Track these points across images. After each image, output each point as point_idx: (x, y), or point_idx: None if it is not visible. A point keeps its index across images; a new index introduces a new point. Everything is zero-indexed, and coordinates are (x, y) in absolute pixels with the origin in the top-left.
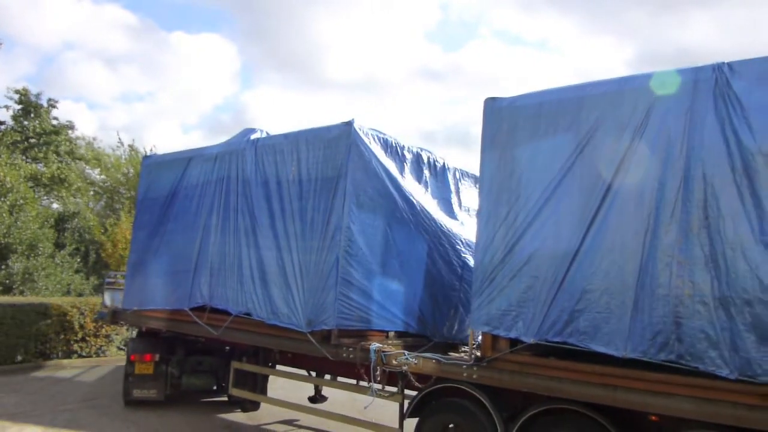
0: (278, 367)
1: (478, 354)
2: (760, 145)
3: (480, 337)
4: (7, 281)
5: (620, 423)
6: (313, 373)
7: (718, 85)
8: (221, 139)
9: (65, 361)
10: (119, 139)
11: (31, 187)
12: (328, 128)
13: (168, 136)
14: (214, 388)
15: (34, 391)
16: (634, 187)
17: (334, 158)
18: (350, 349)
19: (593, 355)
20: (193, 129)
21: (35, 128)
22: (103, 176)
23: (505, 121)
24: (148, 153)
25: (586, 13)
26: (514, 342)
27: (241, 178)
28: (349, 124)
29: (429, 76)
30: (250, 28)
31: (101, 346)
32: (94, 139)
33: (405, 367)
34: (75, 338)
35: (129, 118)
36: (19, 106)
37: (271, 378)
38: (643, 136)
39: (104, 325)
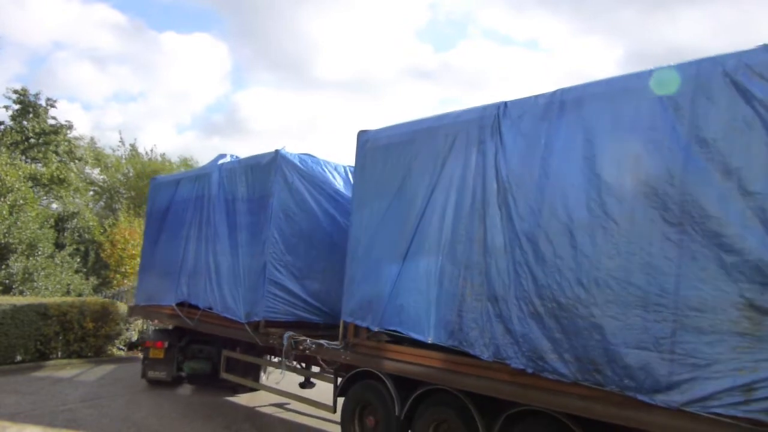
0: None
1: (346, 341)
2: (509, 175)
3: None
4: (7, 281)
5: (478, 402)
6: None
7: (495, 122)
8: (214, 139)
9: (65, 361)
10: (120, 138)
11: (30, 187)
12: (263, 155)
13: (163, 137)
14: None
15: (34, 391)
16: (440, 206)
17: (266, 180)
18: (273, 337)
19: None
20: (188, 129)
21: (34, 128)
22: (103, 176)
23: (369, 150)
24: (148, 153)
25: (575, 13)
26: (388, 332)
27: (210, 196)
28: (276, 152)
29: (422, 75)
30: (241, 27)
31: (101, 346)
32: (93, 138)
33: (307, 351)
34: (75, 338)
35: (123, 118)
36: (18, 106)
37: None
38: (445, 164)
39: (104, 325)
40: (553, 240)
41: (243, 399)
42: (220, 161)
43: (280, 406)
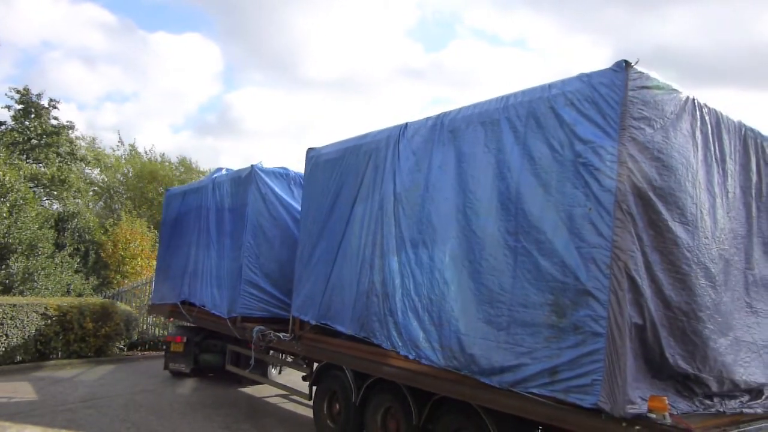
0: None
1: (294, 334)
2: (401, 188)
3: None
4: (7, 281)
5: (414, 390)
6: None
7: (396, 141)
8: (208, 139)
9: (65, 361)
10: (119, 138)
11: (31, 188)
12: (243, 170)
13: (159, 137)
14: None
15: (34, 391)
16: (359, 215)
17: (244, 192)
18: (247, 330)
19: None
20: (183, 129)
21: (36, 129)
22: (102, 176)
23: (313, 165)
24: (147, 152)
25: (561, 12)
26: (321, 325)
27: (206, 206)
28: (252, 167)
29: (413, 75)
30: (230, 27)
31: (101, 346)
32: (94, 139)
33: (271, 343)
34: (75, 338)
35: (118, 118)
36: (20, 106)
37: None
38: (364, 178)
39: (104, 325)
40: (428, 245)
41: (245, 395)
42: (216, 174)
43: (285, 397)
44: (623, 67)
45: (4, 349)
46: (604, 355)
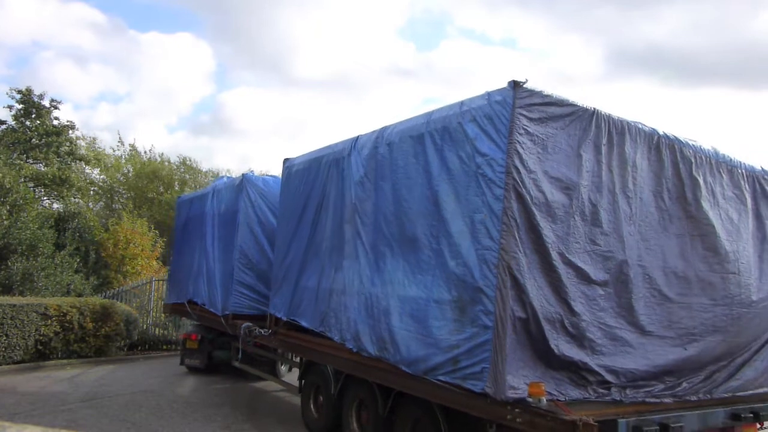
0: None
1: (271, 329)
2: (356, 197)
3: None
4: (7, 281)
5: (381, 386)
6: None
7: (350, 152)
8: (203, 139)
9: (65, 361)
10: (119, 139)
11: (32, 188)
12: (236, 178)
13: (155, 137)
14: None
15: (34, 391)
16: (323, 221)
17: (236, 198)
18: (237, 327)
19: None
20: (178, 129)
21: (38, 128)
22: (103, 176)
23: (288, 174)
24: (146, 152)
25: (549, 12)
26: (291, 322)
27: (207, 212)
28: (243, 176)
29: (405, 74)
30: (222, 27)
31: (101, 346)
32: (95, 139)
33: (256, 339)
34: (75, 338)
35: (113, 118)
36: (21, 106)
37: None
38: (326, 187)
39: (104, 325)
40: (380, 249)
41: (247, 394)
42: (217, 182)
43: (288, 393)
44: (512, 86)
45: (4, 349)
46: (491, 346)
